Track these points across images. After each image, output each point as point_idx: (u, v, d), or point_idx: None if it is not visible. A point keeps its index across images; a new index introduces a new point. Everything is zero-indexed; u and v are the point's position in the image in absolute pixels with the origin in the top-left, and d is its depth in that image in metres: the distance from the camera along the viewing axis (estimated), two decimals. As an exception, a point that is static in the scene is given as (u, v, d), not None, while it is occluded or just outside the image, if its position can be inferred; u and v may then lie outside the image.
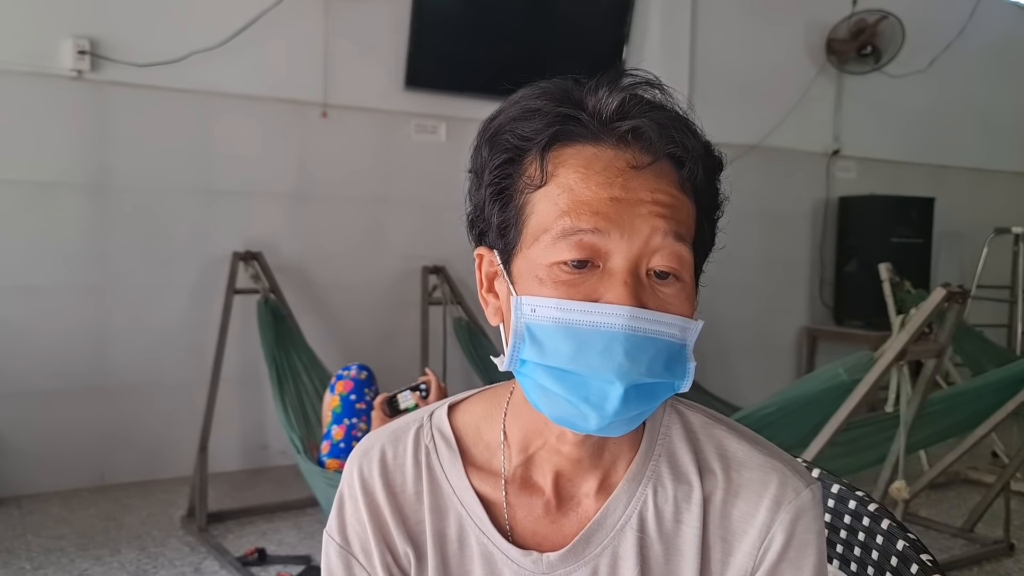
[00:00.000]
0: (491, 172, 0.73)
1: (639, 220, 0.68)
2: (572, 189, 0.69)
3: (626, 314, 0.67)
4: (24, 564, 2.86)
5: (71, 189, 3.57)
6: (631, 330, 0.67)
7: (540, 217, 0.70)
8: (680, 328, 0.70)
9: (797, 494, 0.76)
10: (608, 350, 0.67)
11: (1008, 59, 6.22)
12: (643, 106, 0.71)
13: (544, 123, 0.71)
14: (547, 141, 0.70)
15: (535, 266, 0.70)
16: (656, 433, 0.80)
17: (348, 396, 2.53)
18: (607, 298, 0.67)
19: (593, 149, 0.70)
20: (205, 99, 3.78)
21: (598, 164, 0.69)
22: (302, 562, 2.93)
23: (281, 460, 4.00)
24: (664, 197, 0.69)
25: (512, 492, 0.80)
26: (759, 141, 5.16)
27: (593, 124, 0.70)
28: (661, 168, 0.70)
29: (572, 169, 0.70)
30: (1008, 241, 4.70)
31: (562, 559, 0.77)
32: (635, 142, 0.70)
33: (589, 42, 4.62)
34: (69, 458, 3.60)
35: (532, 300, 0.69)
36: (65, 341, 3.58)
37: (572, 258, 0.68)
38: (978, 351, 4.00)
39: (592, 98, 0.71)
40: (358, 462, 0.82)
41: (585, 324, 0.67)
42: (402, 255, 4.24)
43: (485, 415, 0.83)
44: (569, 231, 0.68)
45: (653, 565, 0.77)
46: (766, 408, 2.71)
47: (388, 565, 0.80)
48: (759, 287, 5.30)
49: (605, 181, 0.68)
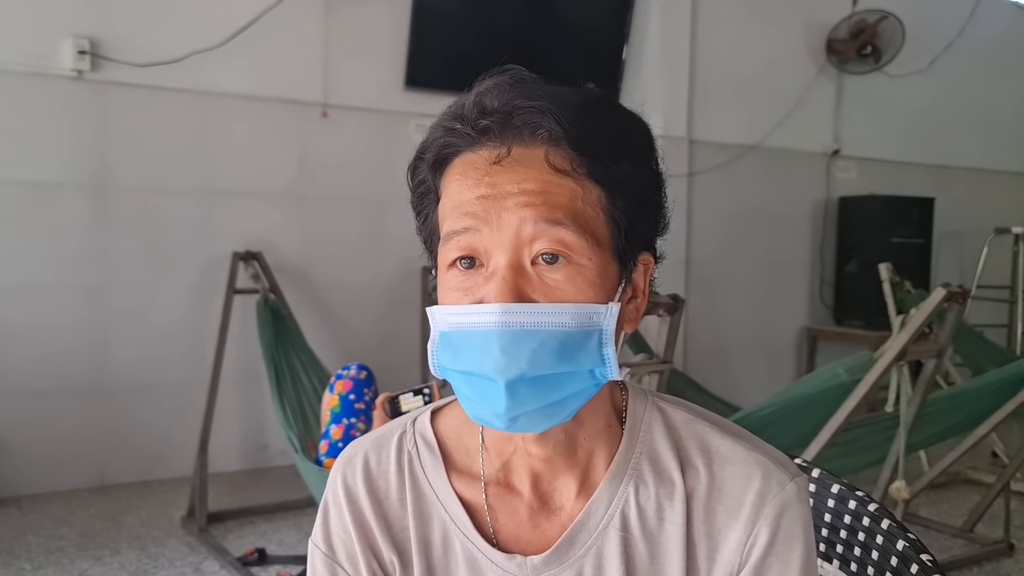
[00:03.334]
0: (412, 198, 0.78)
1: (506, 213, 0.69)
2: (451, 196, 0.72)
3: (497, 310, 0.67)
4: (24, 564, 2.86)
5: (71, 189, 3.57)
6: (504, 326, 0.67)
7: (440, 229, 0.74)
8: (573, 315, 0.68)
9: (782, 487, 0.76)
10: (487, 349, 0.67)
11: (1008, 59, 6.22)
12: (499, 99, 0.71)
13: (432, 141, 0.74)
14: (434, 159, 0.74)
15: (441, 275, 0.73)
16: (636, 431, 0.79)
17: (347, 396, 2.53)
18: (487, 298, 0.69)
19: (470, 155, 0.72)
20: (205, 99, 3.78)
21: (470, 168, 0.71)
22: (302, 562, 2.92)
23: (281, 460, 4.00)
24: (531, 185, 0.69)
25: (494, 496, 0.79)
26: (759, 141, 5.16)
27: (467, 131, 0.72)
28: (530, 156, 0.70)
29: (452, 179, 0.73)
30: (1008, 241, 4.70)
31: (546, 562, 0.76)
32: (496, 136, 0.71)
33: (589, 42, 4.62)
34: (69, 458, 3.61)
35: (434, 309, 0.73)
36: (65, 341, 3.58)
37: (455, 257, 0.71)
38: (978, 351, 4.00)
39: (466, 105, 0.73)
40: (342, 470, 0.83)
41: (468, 326, 0.69)
42: (402, 255, 4.24)
43: (466, 420, 0.82)
44: (447, 236, 0.71)
45: (638, 564, 0.76)
46: (766, 408, 2.71)
47: (374, 573, 0.79)
48: (759, 287, 5.30)
49: (473, 182, 0.71)
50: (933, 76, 5.71)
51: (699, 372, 4.51)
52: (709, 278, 4.99)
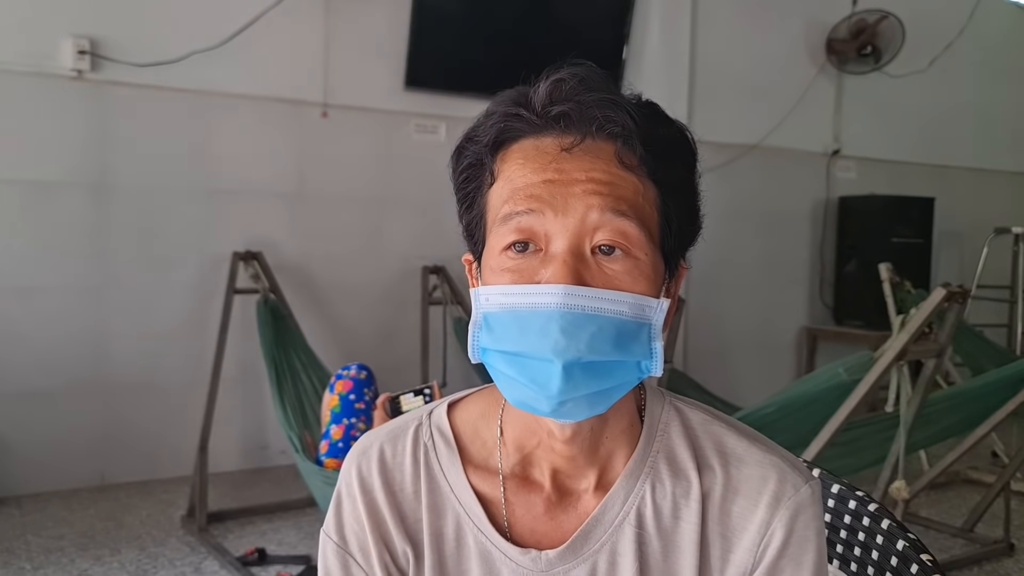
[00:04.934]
0: (456, 181, 0.78)
1: (573, 199, 0.70)
2: (512, 179, 0.72)
3: (560, 291, 0.67)
4: (24, 564, 2.87)
5: (71, 189, 3.57)
6: (566, 307, 0.67)
7: (492, 212, 0.74)
8: (631, 305, 0.70)
9: (796, 490, 0.76)
10: (545, 329, 0.68)
11: (1008, 59, 6.22)
12: (573, 90, 0.72)
13: (491, 124, 0.75)
14: (493, 141, 0.74)
15: (491, 257, 0.73)
16: (654, 430, 0.80)
17: (347, 396, 2.53)
18: (545, 279, 0.69)
19: (534, 141, 0.73)
20: (205, 99, 3.78)
21: (535, 152, 0.72)
22: (302, 562, 2.93)
23: (281, 460, 4.00)
24: (600, 175, 0.70)
25: (510, 490, 0.80)
26: (759, 141, 5.16)
27: (532, 118, 0.73)
28: (598, 148, 0.72)
29: (513, 162, 0.73)
30: (1008, 241, 4.70)
31: (561, 556, 0.77)
32: (569, 125, 0.72)
33: (589, 42, 4.62)
34: (69, 458, 3.60)
35: (485, 290, 0.72)
36: (65, 341, 3.58)
37: (512, 240, 0.71)
38: (978, 351, 4.00)
39: (534, 93, 0.74)
40: (356, 461, 0.82)
41: (525, 306, 0.69)
42: (402, 255, 4.24)
43: (483, 414, 0.83)
44: (508, 216, 0.71)
45: (652, 562, 0.77)
46: (766, 408, 2.71)
47: (386, 564, 0.80)
48: (759, 287, 5.30)
49: (539, 166, 0.71)
50: (933, 76, 5.71)
51: (699, 372, 4.51)
52: (709, 278, 4.98)
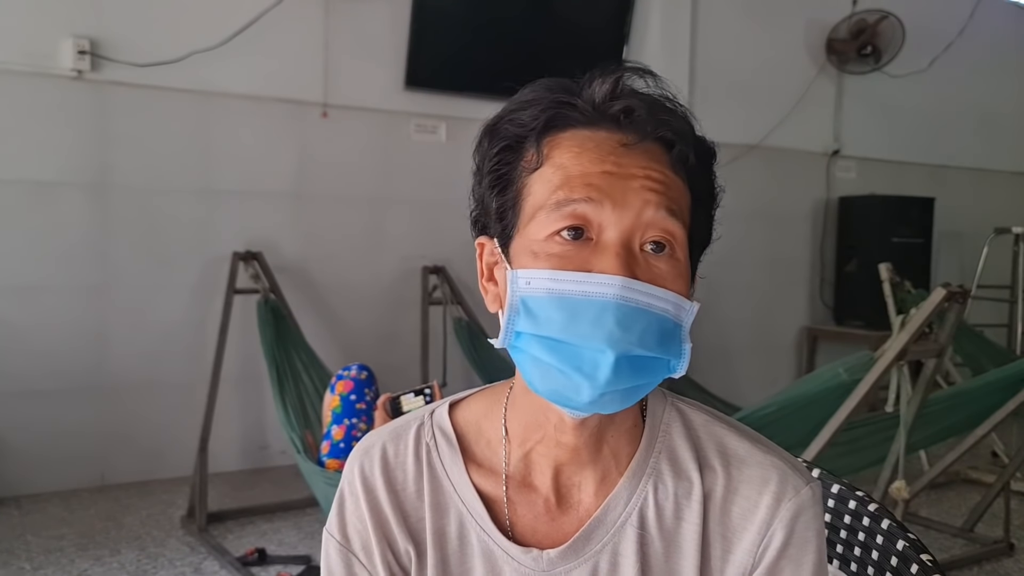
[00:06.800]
0: (490, 160, 0.76)
1: (631, 193, 0.70)
2: (565, 166, 0.71)
3: (618, 283, 0.67)
4: (24, 564, 2.86)
5: (71, 189, 3.56)
6: (623, 300, 0.67)
7: (536, 197, 0.72)
8: (674, 304, 0.70)
9: (797, 491, 0.77)
10: (599, 319, 0.67)
11: (1008, 59, 6.22)
12: (634, 91, 0.74)
13: (540, 109, 0.73)
14: (543, 126, 0.73)
15: (531, 242, 0.71)
16: (656, 430, 0.80)
17: (348, 396, 2.53)
18: (599, 268, 0.69)
19: (587, 132, 0.73)
20: (205, 99, 3.78)
21: (591, 143, 0.72)
22: (302, 562, 2.93)
23: (281, 460, 4.00)
24: (656, 174, 0.71)
25: (513, 489, 0.80)
26: (759, 141, 5.16)
27: (587, 109, 0.73)
28: (652, 149, 0.72)
29: (566, 150, 0.72)
30: (1008, 241, 4.70)
31: (562, 556, 0.77)
32: (627, 123, 0.72)
33: (589, 42, 4.62)
34: (69, 458, 3.60)
35: (527, 273, 0.71)
36: (65, 341, 3.58)
37: (566, 225, 0.70)
38: (978, 351, 4.00)
39: (587, 87, 0.74)
40: (359, 460, 0.83)
41: (578, 294, 0.68)
42: (402, 255, 4.24)
43: (486, 412, 0.83)
44: (563, 202, 0.70)
45: (653, 562, 0.77)
46: (766, 408, 2.71)
47: (389, 563, 0.80)
48: (759, 287, 5.30)
49: (597, 158, 0.71)
50: (933, 76, 5.71)
51: (699, 372, 4.50)
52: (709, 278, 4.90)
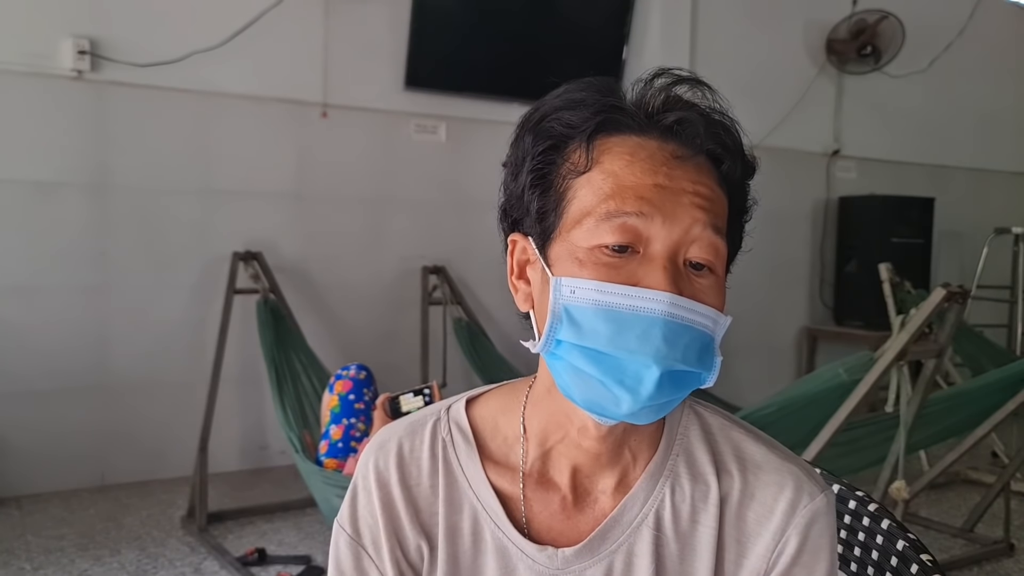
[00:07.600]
0: (533, 159, 0.74)
1: (680, 209, 0.69)
2: (617, 175, 0.70)
3: (667, 300, 0.67)
4: (24, 564, 2.86)
5: (71, 189, 3.56)
6: (670, 316, 0.68)
7: (582, 202, 0.71)
8: (712, 320, 0.71)
9: (812, 499, 0.77)
10: (647, 334, 0.67)
11: (1008, 59, 6.22)
12: (688, 102, 0.73)
13: (590, 112, 0.72)
14: (593, 129, 0.72)
15: (575, 249, 0.70)
16: (675, 432, 0.80)
17: (347, 396, 2.53)
18: (646, 283, 0.68)
19: (638, 139, 0.71)
20: (205, 99, 3.78)
21: (643, 153, 0.71)
22: (302, 562, 2.93)
23: (281, 460, 4.00)
24: (705, 190, 0.71)
25: (529, 486, 0.80)
26: (759, 141, 5.15)
27: (639, 115, 0.72)
28: (701, 163, 0.72)
29: (617, 156, 0.71)
30: (1008, 241, 4.70)
31: (577, 555, 0.77)
32: (679, 135, 0.71)
33: (589, 42, 4.62)
34: (69, 458, 3.60)
35: (572, 282, 0.69)
36: (65, 341, 3.58)
37: (615, 241, 0.69)
38: (978, 351, 4.00)
39: (636, 92, 0.73)
40: (374, 454, 0.83)
41: (625, 308, 0.68)
42: (402, 255, 4.24)
43: (503, 409, 0.82)
44: (613, 213, 0.69)
45: (668, 564, 0.77)
46: (766, 408, 2.70)
47: (397, 560, 0.80)
48: (759, 287, 5.30)
49: (650, 169, 0.70)
50: (933, 76, 5.71)
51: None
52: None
